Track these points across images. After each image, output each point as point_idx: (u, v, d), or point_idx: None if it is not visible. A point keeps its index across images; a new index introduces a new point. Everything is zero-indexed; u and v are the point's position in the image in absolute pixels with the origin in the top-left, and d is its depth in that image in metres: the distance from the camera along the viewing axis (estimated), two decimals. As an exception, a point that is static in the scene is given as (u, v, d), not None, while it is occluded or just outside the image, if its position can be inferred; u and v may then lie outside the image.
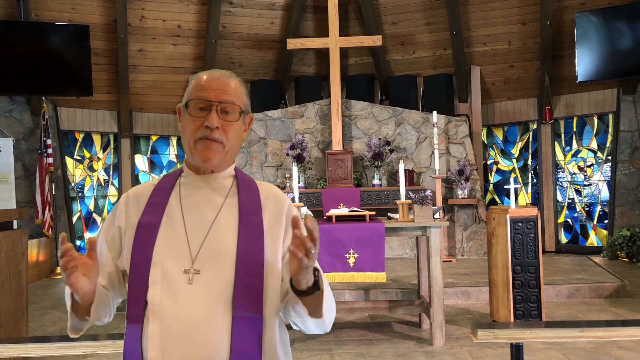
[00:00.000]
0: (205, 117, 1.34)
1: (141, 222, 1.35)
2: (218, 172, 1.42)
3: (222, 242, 1.33)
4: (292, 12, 8.52)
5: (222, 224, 1.35)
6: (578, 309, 5.23)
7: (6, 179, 7.14)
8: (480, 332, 2.12)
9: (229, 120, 1.36)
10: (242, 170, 8.10)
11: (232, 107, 1.37)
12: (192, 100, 1.36)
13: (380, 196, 7.56)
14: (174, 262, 1.30)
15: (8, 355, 2.07)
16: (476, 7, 8.27)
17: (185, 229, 1.34)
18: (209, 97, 1.35)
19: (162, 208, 1.37)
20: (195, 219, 1.35)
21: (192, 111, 1.36)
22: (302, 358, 4.05)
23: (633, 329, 2.10)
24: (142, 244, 1.32)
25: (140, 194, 1.43)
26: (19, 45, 7.27)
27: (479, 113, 8.52)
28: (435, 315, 4.18)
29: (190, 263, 1.30)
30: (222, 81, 1.38)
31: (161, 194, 1.40)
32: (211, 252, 1.31)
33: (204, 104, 1.35)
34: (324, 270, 4.17)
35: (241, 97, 1.41)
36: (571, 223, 8.34)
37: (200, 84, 1.38)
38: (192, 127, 1.35)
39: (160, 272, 1.29)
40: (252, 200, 1.41)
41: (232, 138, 1.38)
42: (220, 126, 1.34)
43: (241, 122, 1.41)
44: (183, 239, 1.33)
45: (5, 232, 3.37)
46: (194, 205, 1.38)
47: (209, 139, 1.34)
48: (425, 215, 4.23)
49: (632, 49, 7.37)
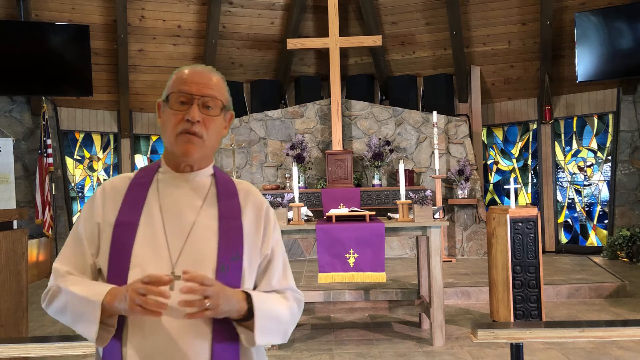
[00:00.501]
0: (187, 111, 1.31)
1: (119, 220, 1.32)
2: (197, 169, 1.39)
3: (203, 248, 1.31)
4: (292, 12, 8.52)
5: (202, 228, 1.33)
6: (578, 309, 5.23)
7: (6, 179, 7.14)
8: (480, 332, 2.12)
9: (210, 114, 1.34)
10: (243, 170, 8.10)
11: (214, 102, 1.34)
12: (174, 93, 1.34)
13: (380, 196, 7.56)
14: (154, 267, 1.27)
15: (8, 355, 2.07)
16: (476, 7, 8.27)
17: (165, 231, 1.31)
18: (191, 90, 1.32)
19: (140, 206, 1.34)
20: (175, 221, 1.33)
21: (173, 104, 1.34)
22: (302, 358, 4.05)
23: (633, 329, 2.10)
24: (121, 245, 1.30)
25: (117, 187, 1.39)
26: (19, 45, 7.27)
27: (479, 113, 8.52)
28: (435, 315, 4.18)
29: (170, 268, 1.28)
30: (205, 75, 1.36)
31: (139, 190, 1.37)
32: (191, 257, 1.29)
33: (186, 97, 1.32)
34: (324, 270, 4.19)
35: (223, 93, 1.38)
36: (571, 223, 8.34)
37: (182, 77, 1.35)
38: (173, 121, 1.33)
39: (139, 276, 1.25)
40: (231, 202, 1.39)
41: (212, 133, 1.35)
42: (201, 120, 1.32)
43: (222, 118, 1.39)
44: (163, 242, 1.30)
45: (5, 232, 3.37)
46: (173, 205, 1.35)
47: (189, 133, 1.31)
48: (425, 215, 4.23)
49: (632, 49, 7.37)
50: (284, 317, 1.37)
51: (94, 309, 1.23)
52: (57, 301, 1.33)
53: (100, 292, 1.25)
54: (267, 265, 1.41)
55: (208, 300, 1.19)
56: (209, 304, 1.19)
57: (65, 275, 1.34)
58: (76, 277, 1.34)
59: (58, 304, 1.33)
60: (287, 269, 1.46)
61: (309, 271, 6.78)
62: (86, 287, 1.29)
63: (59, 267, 1.36)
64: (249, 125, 8.22)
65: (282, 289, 1.43)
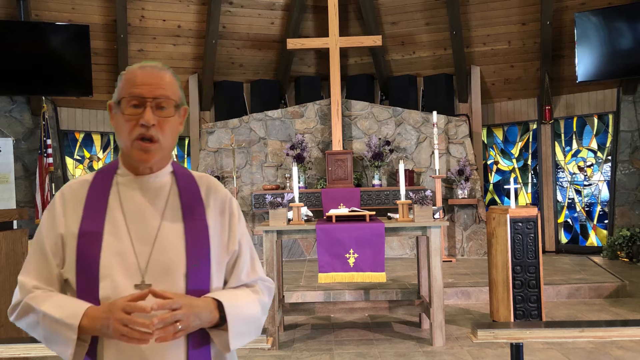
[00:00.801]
0: (140, 115, 1.28)
1: (82, 230, 1.28)
2: (157, 170, 1.36)
3: (170, 253, 1.29)
4: (292, 12, 8.52)
5: (168, 233, 1.31)
6: (578, 309, 5.23)
7: (6, 179, 7.14)
8: (480, 332, 2.12)
9: (164, 116, 1.31)
10: (243, 170, 8.10)
11: (167, 102, 1.31)
12: (125, 98, 1.30)
13: (380, 196, 7.56)
14: (124, 276, 1.26)
15: (8, 355, 2.07)
16: (476, 7, 8.27)
17: (131, 239, 1.29)
18: (142, 93, 1.28)
19: (102, 213, 1.31)
20: (140, 228, 1.31)
21: (125, 109, 1.30)
22: (302, 358, 4.05)
23: (633, 329, 2.10)
24: (87, 256, 1.27)
25: (76, 193, 1.35)
26: (19, 45, 7.26)
27: (479, 113, 8.52)
28: (435, 315, 4.18)
29: (140, 277, 1.26)
30: (155, 75, 1.31)
31: (99, 196, 1.33)
32: (160, 264, 1.28)
33: (138, 100, 1.29)
34: (324, 270, 4.19)
35: (175, 90, 1.35)
36: (571, 223, 8.34)
37: (132, 79, 1.31)
38: (127, 127, 1.29)
39: (110, 287, 1.24)
40: (194, 200, 1.37)
41: (168, 134, 1.32)
42: (156, 123, 1.28)
43: (177, 116, 1.35)
44: (130, 250, 1.28)
45: (5, 232, 3.37)
46: (136, 211, 1.32)
47: (145, 138, 1.28)
48: (425, 215, 4.23)
49: (632, 49, 7.37)
50: (256, 315, 1.38)
51: (70, 331, 1.21)
52: (27, 318, 1.29)
53: (76, 313, 1.21)
54: (235, 261, 1.41)
55: (179, 323, 1.19)
56: (180, 326, 1.20)
57: (32, 291, 1.30)
58: (45, 292, 1.30)
59: (29, 320, 1.29)
60: (255, 260, 1.45)
61: (309, 271, 6.78)
62: (59, 306, 1.25)
63: (25, 281, 1.32)
64: (249, 125, 8.22)
65: (252, 281, 1.43)
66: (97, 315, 1.20)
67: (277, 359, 4.05)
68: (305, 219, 4.63)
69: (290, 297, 5.48)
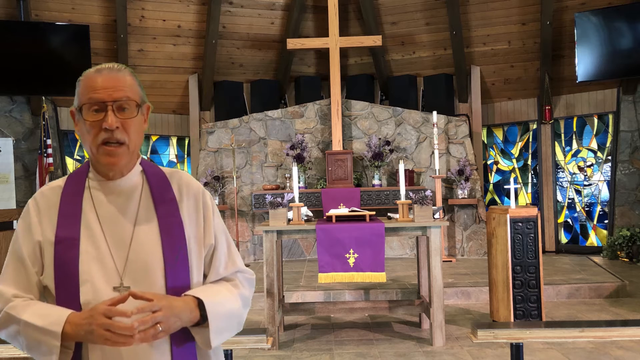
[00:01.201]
0: (103, 119, 1.27)
1: (59, 237, 1.28)
2: (127, 172, 1.36)
3: (147, 254, 1.30)
4: (292, 12, 8.52)
5: (143, 234, 1.32)
6: (578, 309, 5.23)
7: (6, 179, 7.14)
8: (480, 332, 2.12)
9: (127, 117, 1.30)
10: (243, 170, 8.10)
11: (128, 103, 1.31)
12: (85, 104, 1.29)
13: (380, 196, 7.56)
14: (102, 280, 1.26)
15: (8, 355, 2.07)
16: (476, 7, 8.27)
17: (107, 243, 1.30)
18: (102, 97, 1.28)
19: (77, 219, 1.30)
20: (115, 231, 1.31)
21: (87, 115, 1.29)
22: (302, 358, 4.05)
23: (633, 329, 2.10)
24: (66, 263, 1.26)
25: (49, 200, 1.35)
26: (19, 45, 7.26)
27: (479, 113, 8.52)
28: (435, 315, 4.18)
29: (118, 279, 1.27)
30: (112, 77, 1.31)
31: (72, 201, 1.33)
32: (137, 265, 1.29)
33: (99, 105, 1.28)
34: (324, 270, 4.19)
35: (135, 90, 1.35)
36: (571, 223, 8.34)
37: (90, 85, 1.31)
38: (91, 133, 1.29)
39: (90, 291, 1.25)
40: (167, 198, 1.37)
41: (134, 135, 1.32)
42: (119, 125, 1.28)
43: (140, 115, 1.35)
44: (107, 254, 1.28)
45: (5, 232, 3.37)
46: (110, 215, 1.32)
47: (111, 143, 1.28)
48: (425, 215, 4.23)
49: (632, 49, 7.37)
50: (237, 310, 1.38)
51: (53, 339, 1.20)
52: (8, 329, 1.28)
53: (58, 321, 1.21)
54: (212, 254, 1.41)
55: (160, 325, 1.20)
56: (161, 328, 1.20)
57: (12, 300, 1.29)
58: (24, 300, 1.29)
59: (10, 331, 1.28)
60: (232, 251, 1.45)
61: (309, 271, 6.78)
62: (40, 314, 1.24)
63: (4, 290, 1.31)
64: (249, 125, 8.22)
65: (231, 274, 1.43)
66: (79, 322, 1.20)
67: (277, 359, 4.05)
68: (305, 219, 4.63)
69: (290, 297, 5.48)
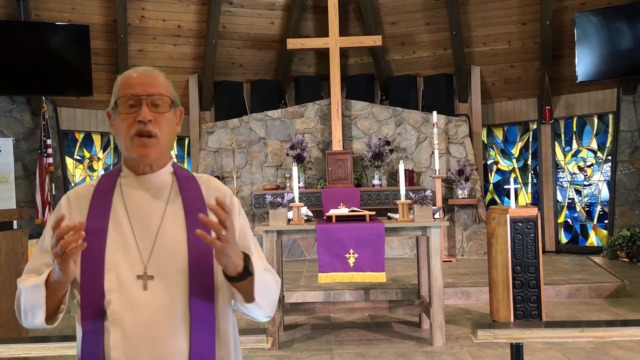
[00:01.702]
0: (137, 112, 1.33)
1: (88, 227, 1.32)
2: (157, 169, 1.41)
3: (172, 245, 1.33)
4: (292, 12, 8.52)
5: (169, 226, 1.35)
6: (578, 309, 5.23)
7: (6, 179, 7.14)
8: (480, 332, 2.12)
9: (160, 112, 1.36)
10: (243, 170, 8.10)
11: (161, 99, 1.36)
12: (121, 98, 1.36)
13: (380, 196, 7.56)
14: (127, 269, 1.30)
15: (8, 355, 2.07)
16: (476, 7, 8.27)
17: (134, 234, 1.34)
18: (137, 92, 1.34)
19: (107, 212, 1.36)
20: (142, 223, 1.35)
21: (122, 109, 1.35)
22: (302, 358, 4.05)
23: (633, 329, 2.10)
24: (92, 251, 1.31)
25: (81, 196, 1.40)
26: (19, 45, 7.26)
27: (479, 113, 8.52)
28: (435, 315, 4.18)
29: (142, 268, 1.30)
30: (148, 75, 1.38)
31: (103, 196, 1.38)
32: (162, 256, 1.32)
33: (134, 99, 1.34)
34: (324, 270, 4.19)
35: (169, 89, 1.40)
36: (571, 223, 8.34)
37: (126, 81, 1.37)
38: (125, 125, 1.35)
39: (115, 279, 1.28)
40: (194, 196, 1.41)
41: (165, 130, 1.37)
42: (152, 119, 1.34)
43: (172, 115, 1.41)
44: (133, 244, 1.32)
45: (5, 232, 3.37)
46: (138, 208, 1.37)
47: (143, 135, 1.33)
48: (425, 215, 4.23)
49: (632, 49, 7.37)
50: (272, 286, 1.41)
51: (39, 291, 1.27)
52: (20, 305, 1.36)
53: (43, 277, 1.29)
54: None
55: (224, 231, 1.20)
56: (224, 233, 1.20)
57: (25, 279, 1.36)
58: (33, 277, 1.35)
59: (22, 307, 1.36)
60: (260, 253, 1.48)
61: (309, 271, 6.78)
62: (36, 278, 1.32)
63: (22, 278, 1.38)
64: (249, 125, 8.22)
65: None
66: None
67: (277, 359, 4.05)
68: (305, 219, 4.63)
69: (290, 297, 5.48)
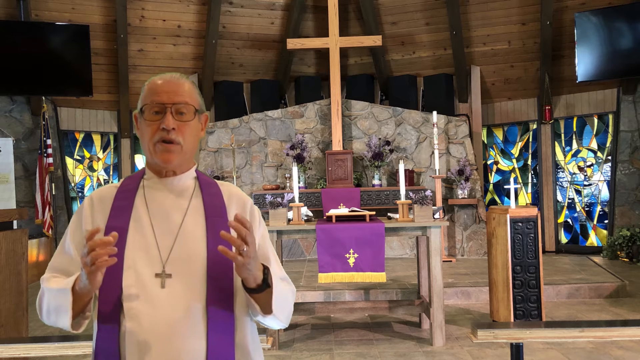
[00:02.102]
0: (161, 120, 1.36)
1: (109, 226, 1.35)
2: (180, 173, 1.43)
3: (192, 246, 1.35)
4: (292, 12, 8.52)
5: (190, 227, 1.37)
6: (578, 309, 5.23)
7: (6, 179, 7.14)
8: (480, 332, 2.12)
9: (184, 120, 1.38)
10: (243, 170, 8.10)
11: (186, 107, 1.39)
12: (147, 105, 1.39)
13: (380, 196, 7.56)
14: (146, 267, 1.32)
15: (8, 355, 2.07)
16: (476, 7, 8.27)
17: (154, 233, 1.36)
18: (163, 99, 1.37)
19: (128, 212, 1.38)
20: (163, 224, 1.37)
21: (147, 115, 1.38)
22: (302, 358, 4.05)
23: (633, 329, 2.10)
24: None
25: (104, 196, 1.43)
26: (19, 45, 7.27)
27: (479, 113, 8.52)
28: (435, 315, 4.18)
29: (161, 267, 1.32)
30: (174, 83, 1.40)
31: (126, 197, 1.41)
32: (181, 255, 1.34)
33: (159, 107, 1.37)
34: (324, 270, 4.19)
35: (194, 97, 1.42)
36: (571, 223, 8.34)
37: (153, 88, 1.40)
38: (149, 131, 1.38)
39: (133, 276, 1.30)
40: (215, 201, 1.44)
41: (189, 138, 1.39)
42: (176, 127, 1.36)
43: (197, 122, 1.43)
44: (153, 244, 1.34)
45: (5, 232, 3.37)
46: (160, 209, 1.39)
47: (166, 141, 1.36)
48: (425, 215, 4.23)
49: (632, 49, 7.37)
50: (289, 297, 1.45)
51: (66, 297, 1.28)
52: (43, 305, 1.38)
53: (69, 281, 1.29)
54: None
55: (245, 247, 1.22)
56: (245, 249, 1.22)
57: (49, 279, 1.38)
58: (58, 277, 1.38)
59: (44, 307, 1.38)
60: (278, 263, 1.50)
61: (309, 271, 6.78)
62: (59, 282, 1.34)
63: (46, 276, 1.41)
64: (249, 125, 8.22)
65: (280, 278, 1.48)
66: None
67: (277, 359, 4.05)
68: (305, 219, 4.63)
69: (290, 297, 5.47)
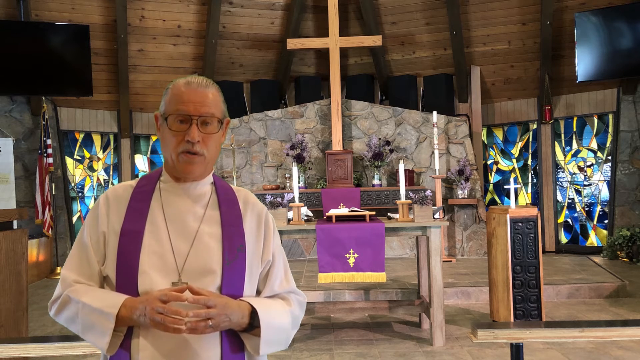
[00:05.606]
0: (186, 131, 1.34)
1: (124, 229, 1.35)
2: (199, 180, 1.43)
3: (207, 255, 1.35)
4: (292, 12, 8.52)
5: (206, 235, 1.37)
6: (578, 309, 5.23)
7: (6, 179, 7.14)
8: (480, 332, 2.12)
9: (208, 132, 1.37)
10: (243, 170, 8.10)
11: (211, 119, 1.37)
12: (172, 115, 1.36)
13: (380, 196, 7.56)
14: (161, 274, 1.32)
15: (8, 355, 2.07)
16: (476, 7, 8.27)
17: (170, 239, 1.35)
18: (189, 110, 1.35)
19: (144, 214, 1.37)
20: (179, 229, 1.37)
21: (172, 125, 1.36)
22: (302, 358, 4.05)
23: (633, 329, 2.10)
24: (127, 253, 1.32)
25: (120, 196, 1.42)
26: (19, 45, 7.27)
27: (479, 113, 8.52)
28: (435, 315, 4.18)
29: (177, 275, 1.32)
30: (200, 92, 1.38)
31: (142, 199, 1.40)
32: (197, 264, 1.34)
33: (184, 117, 1.35)
34: (324, 270, 4.18)
35: (219, 106, 1.41)
36: (571, 223, 8.34)
37: (178, 95, 1.37)
38: (173, 142, 1.36)
39: (148, 282, 1.30)
40: (232, 210, 1.44)
41: (212, 147, 1.39)
42: (201, 140, 1.35)
43: (220, 130, 1.42)
44: (168, 250, 1.34)
45: (5, 232, 3.37)
46: (176, 214, 1.39)
47: (190, 153, 1.35)
48: (425, 215, 4.23)
49: (632, 49, 7.37)
50: (286, 326, 1.43)
51: (107, 321, 1.26)
52: (66, 311, 1.35)
53: (115, 303, 1.27)
54: (268, 271, 1.46)
55: (211, 321, 1.24)
56: (211, 323, 1.24)
57: (73, 285, 1.36)
58: (85, 285, 1.36)
59: (68, 313, 1.35)
60: (288, 272, 1.51)
61: (309, 271, 6.78)
62: (99, 298, 1.31)
63: (67, 275, 1.38)
64: (249, 125, 8.22)
65: (285, 292, 1.48)
66: (134, 305, 1.25)
67: (277, 359, 4.05)
68: (305, 219, 4.63)
69: (290, 297, 5.47)
